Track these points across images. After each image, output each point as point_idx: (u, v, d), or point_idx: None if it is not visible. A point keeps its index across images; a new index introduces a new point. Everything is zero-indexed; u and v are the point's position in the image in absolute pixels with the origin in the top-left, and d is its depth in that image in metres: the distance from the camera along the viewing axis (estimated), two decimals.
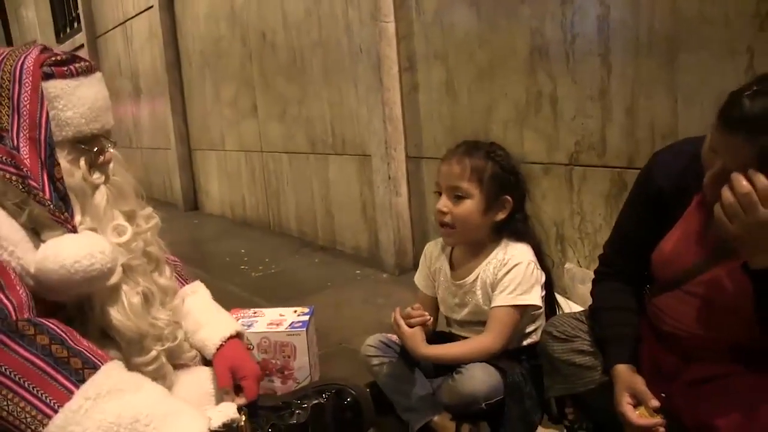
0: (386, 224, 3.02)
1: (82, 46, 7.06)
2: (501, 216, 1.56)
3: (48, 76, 1.19)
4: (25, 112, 1.16)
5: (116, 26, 6.23)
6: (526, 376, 1.53)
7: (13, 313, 1.07)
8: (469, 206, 1.53)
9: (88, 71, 1.25)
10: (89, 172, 1.25)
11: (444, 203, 1.55)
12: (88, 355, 1.08)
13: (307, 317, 1.89)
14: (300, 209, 3.92)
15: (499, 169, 1.55)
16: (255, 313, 1.95)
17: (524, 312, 1.56)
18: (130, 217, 1.36)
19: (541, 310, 1.63)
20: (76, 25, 7.53)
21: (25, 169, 1.14)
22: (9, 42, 11.51)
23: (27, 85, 1.17)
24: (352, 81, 3.14)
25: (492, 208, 1.55)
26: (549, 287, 1.64)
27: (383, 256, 3.10)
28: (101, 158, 1.28)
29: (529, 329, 1.61)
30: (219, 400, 1.43)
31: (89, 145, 1.25)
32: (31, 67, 1.17)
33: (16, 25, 10.92)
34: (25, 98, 1.16)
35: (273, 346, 1.81)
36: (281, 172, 4.04)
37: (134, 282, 1.30)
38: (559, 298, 1.75)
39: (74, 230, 1.20)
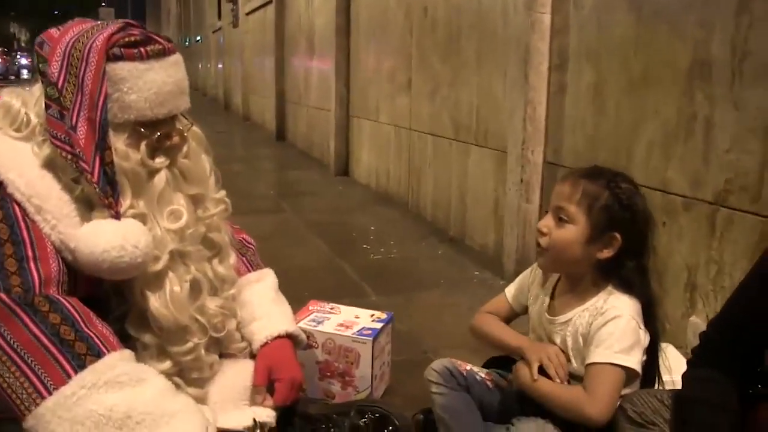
0: (512, 229, 2.82)
1: (271, 1, 7.36)
2: (605, 254, 1.35)
3: (117, 58, 1.16)
4: (86, 92, 1.15)
5: None
6: None
7: (37, 287, 1.08)
8: (570, 232, 1.35)
9: (161, 54, 1.21)
10: (151, 156, 1.23)
11: (545, 223, 1.39)
12: (96, 341, 1.07)
13: (380, 325, 1.78)
14: (437, 194, 3.80)
15: (614, 202, 1.34)
16: (332, 309, 1.87)
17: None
18: (198, 200, 1.32)
19: (636, 381, 1.39)
20: None
21: (78, 150, 1.14)
22: None
23: (92, 64, 1.15)
24: (502, 72, 2.93)
25: (595, 241, 1.35)
26: (652, 356, 1.40)
27: (504, 262, 2.91)
28: (168, 142, 1.25)
29: None
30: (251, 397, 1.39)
31: (152, 130, 1.22)
32: (99, 47, 1.15)
33: None
34: (89, 78, 1.15)
35: (337, 349, 1.73)
36: (425, 153, 3.93)
37: (184, 269, 1.27)
38: (664, 369, 1.48)
39: (117, 216, 1.18)
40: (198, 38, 18.54)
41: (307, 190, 4.96)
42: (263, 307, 1.51)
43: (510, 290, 1.60)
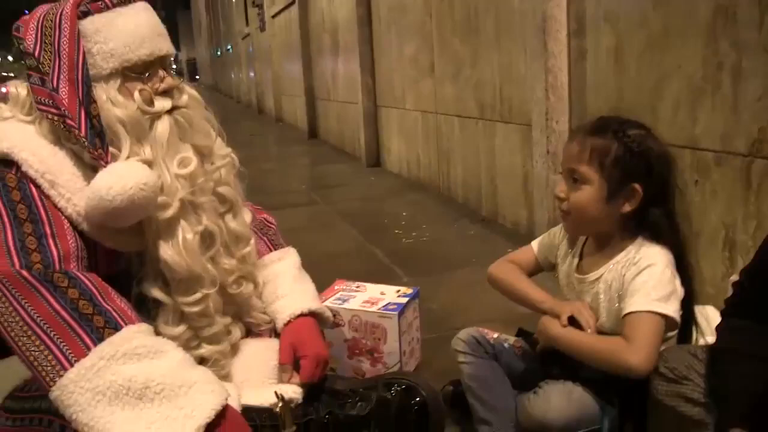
0: (541, 203, 2.76)
1: (294, 1, 7.39)
2: (628, 208, 1.29)
3: (85, 14, 1.21)
4: (64, 55, 1.19)
5: None
6: (625, 413, 1.28)
7: (57, 262, 1.11)
8: (587, 193, 1.29)
9: (125, 1, 1.24)
10: (150, 102, 1.23)
11: (560, 187, 1.34)
12: (114, 314, 1.08)
13: (405, 300, 1.76)
14: (467, 176, 3.76)
15: (625, 152, 1.27)
16: (358, 287, 1.86)
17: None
18: (204, 154, 1.33)
19: (674, 333, 1.33)
20: None
21: (63, 109, 1.17)
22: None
23: (65, 30, 1.20)
24: (522, 45, 2.88)
25: (616, 197, 1.29)
26: (687, 307, 1.33)
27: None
28: (160, 84, 1.25)
29: None
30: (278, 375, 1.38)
31: (141, 73, 1.23)
32: (69, 13, 1.20)
33: None
34: (64, 42, 1.19)
35: (363, 326, 1.72)
36: (452, 136, 3.89)
37: (196, 218, 1.27)
38: (701, 321, 1.41)
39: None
40: (228, 47, 18.79)
41: (338, 183, 4.96)
42: (285, 285, 1.50)
43: (537, 244, 1.55)
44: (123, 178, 1.14)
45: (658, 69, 2.07)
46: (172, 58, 1.32)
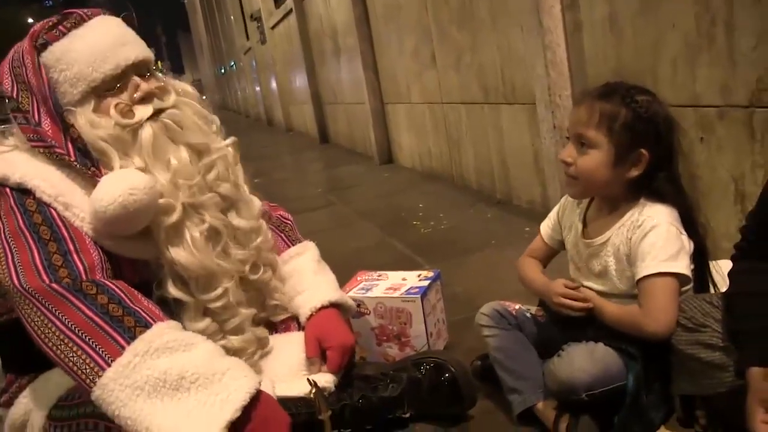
0: (553, 178, 2.78)
1: (291, 10, 7.45)
2: (635, 173, 1.32)
3: (44, 46, 1.26)
4: (35, 90, 1.26)
5: None
6: (649, 366, 1.31)
7: (83, 274, 1.17)
8: (595, 158, 1.32)
9: (80, 22, 1.29)
10: (129, 113, 1.27)
11: (568, 152, 1.37)
12: (143, 314, 1.13)
13: (427, 282, 1.80)
14: (478, 161, 3.79)
15: (634, 118, 1.30)
16: (379, 276, 1.90)
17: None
18: (201, 151, 1.36)
19: (689, 287, 1.36)
20: None
21: (50, 140, 1.24)
22: (243, 13, 12.62)
23: (29, 64, 1.26)
24: (518, 24, 2.90)
25: (623, 162, 1.32)
26: (701, 263, 1.36)
27: None
28: (137, 93, 1.29)
29: None
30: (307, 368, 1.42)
31: (113, 89, 1.27)
32: (27, 47, 1.27)
33: None
34: (31, 76, 1.26)
35: (388, 312, 1.76)
36: (460, 124, 3.92)
37: (199, 218, 1.32)
38: (717, 277, 1.43)
39: None
40: (232, 64, 18.93)
41: (353, 183, 5.01)
42: (306, 279, 1.54)
43: (543, 227, 1.60)
44: (111, 187, 1.20)
45: (654, 30, 2.09)
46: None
